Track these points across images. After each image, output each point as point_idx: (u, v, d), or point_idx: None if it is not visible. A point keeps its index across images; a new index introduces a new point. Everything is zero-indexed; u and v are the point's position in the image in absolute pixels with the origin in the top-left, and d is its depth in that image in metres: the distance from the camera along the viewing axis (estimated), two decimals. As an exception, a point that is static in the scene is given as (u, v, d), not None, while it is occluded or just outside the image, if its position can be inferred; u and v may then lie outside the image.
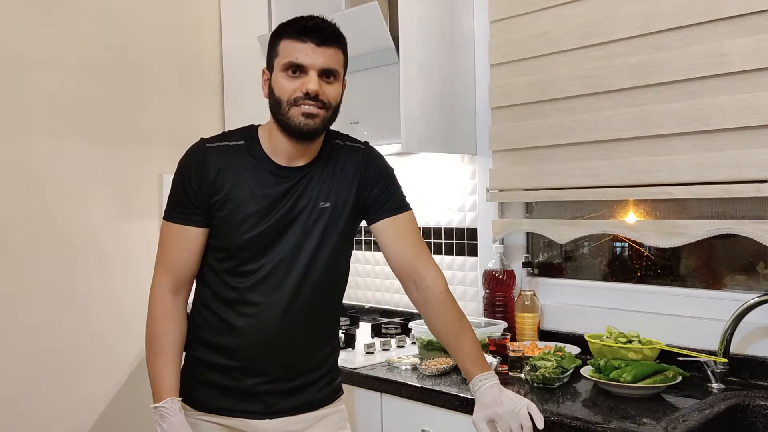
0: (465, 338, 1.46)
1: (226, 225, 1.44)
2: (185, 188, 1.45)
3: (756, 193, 1.66)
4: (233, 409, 1.47)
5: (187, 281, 1.49)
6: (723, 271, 1.91)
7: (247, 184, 1.44)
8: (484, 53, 2.23)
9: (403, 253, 1.52)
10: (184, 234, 1.46)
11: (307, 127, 1.40)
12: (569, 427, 1.42)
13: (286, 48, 1.41)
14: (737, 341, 1.71)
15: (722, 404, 1.54)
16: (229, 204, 1.43)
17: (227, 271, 1.46)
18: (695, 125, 1.75)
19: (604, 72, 1.91)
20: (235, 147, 1.47)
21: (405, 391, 1.74)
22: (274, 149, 1.47)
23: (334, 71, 1.42)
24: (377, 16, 2.05)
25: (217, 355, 1.47)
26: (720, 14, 1.70)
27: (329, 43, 1.41)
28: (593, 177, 1.95)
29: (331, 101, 1.43)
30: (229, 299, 1.46)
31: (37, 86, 2.26)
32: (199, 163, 1.45)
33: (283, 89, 1.41)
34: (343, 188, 1.50)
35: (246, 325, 1.45)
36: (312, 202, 1.47)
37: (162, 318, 1.46)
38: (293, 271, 1.45)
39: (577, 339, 1.98)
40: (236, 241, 1.44)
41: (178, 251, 1.47)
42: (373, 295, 2.67)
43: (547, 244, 2.25)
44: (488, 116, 2.22)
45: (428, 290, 1.50)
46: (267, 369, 1.46)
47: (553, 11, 2.03)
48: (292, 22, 1.44)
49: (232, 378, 1.46)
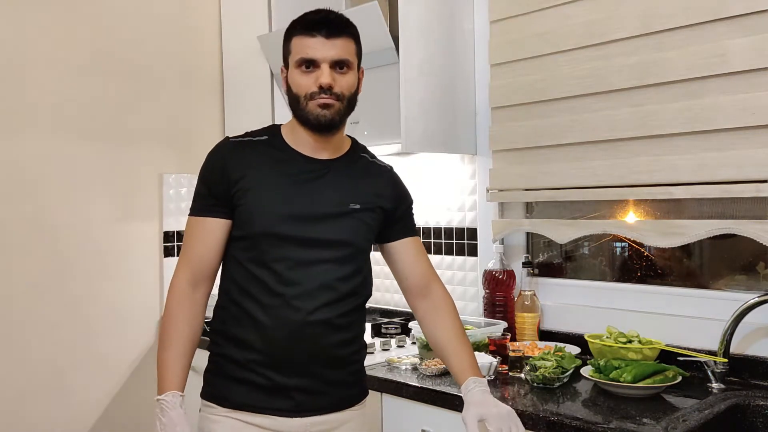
0: (467, 346, 1.53)
1: (249, 212, 1.44)
2: (206, 180, 1.48)
3: (756, 193, 1.66)
4: (263, 406, 1.45)
5: (206, 276, 1.48)
6: (723, 271, 1.91)
7: (272, 172, 1.46)
8: (484, 53, 2.23)
9: (423, 269, 1.61)
10: (204, 226, 1.47)
11: (325, 117, 1.42)
12: (569, 427, 1.42)
13: (297, 44, 1.44)
14: (737, 341, 1.71)
15: (722, 404, 1.54)
16: (252, 192, 1.44)
17: (251, 261, 1.45)
18: (695, 125, 1.75)
19: (604, 72, 1.91)
20: (258, 141, 1.50)
21: (405, 391, 1.74)
22: (298, 142, 1.49)
23: (346, 61, 1.43)
24: (377, 16, 2.05)
25: (244, 351, 1.44)
26: (720, 14, 1.70)
27: (338, 33, 1.43)
28: (593, 177, 1.95)
29: (345, 92, 1.44)
30: (253, 290, 1.44)
31: (36, 86, 2.26)
32: (222, 155, 1.48)
33: (299, 85, 1.43)
34: (372, 197, 1.52)
35: (270, 317, 1.43)
36: (340, 199, 1.48)
37: (178, 310, 1.45)
38: (319, 265, 1.45)
39: (577, 339, 1.98)
40: (258, 229, 1.43)
41: (198, 244, 1.47)
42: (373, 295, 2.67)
43: (547, 244, 2.25)
44: (488, 116, 2.22)
45: (440, 300, 1.59)
46: (294, 364, 1.44)
47: (553, 11, 2.03)
48: (301, 18, 1.46)
49: (261, 374, 1.44)
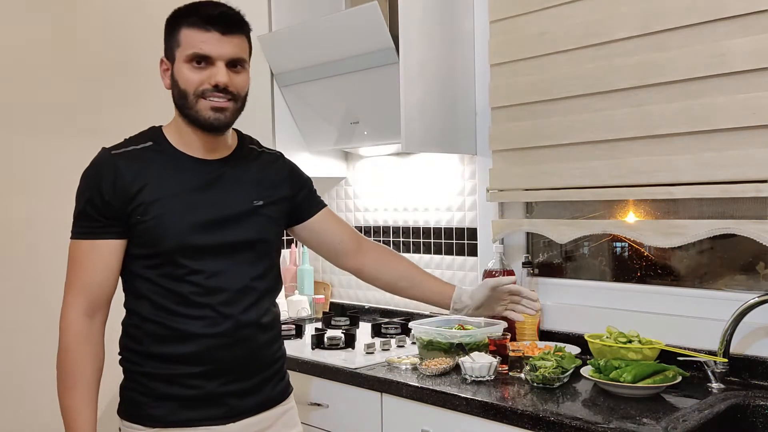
0: (425, 273, 1.65)
1: (154, 229, 1.36)
2: (94, 201, 1.35)
3: (756, 193, 1.66)
4: (195, 418, 1.40)
5: (104, 302, 1.39)
6: (723, 271, 1.91)
7: (168, 183, 1.37)
8: (484, 53, 2.23)
9: (349, 228, 1.68)
10: (98, 249, 1.36)
11: (218, 121, 1.37)
12: (569, 427, 1.42)
13: (188, 37, 1.34)
14: (737, 341, 1.71)
15: (722, 404, 1.54)
16: (154, 207, 1.36)
17: (165, 277, 1.37)
18: (695, 125, 1.75)
19: (604, 72, 1.91)
20: (143, 150, 1.40)
21: (405, 391, 1.74)
22: (187, 144, 1.42)
23: (241, 60, 1.37)
24: (377, 16, 2.05)
25: (171, 365, 1.39)
26: (720, 14, 1.70)
27: (235, 31, 1.35)
28: (593, 177, 1.95)
29: (240, 92, 1.39)
30: (174, 305, 1.38)
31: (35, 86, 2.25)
32: (109, 172, 1.36)
33: (189, 81, 1.34)
34: (272, 189, 1.51)
35: (200, 327, 1.38)
36: (242, 198, 1.44)
37: (76, 346, 1.35)
38: (236, 268, 1.42)
39: (577, 339, 1.98)
40: (169, 244, 1.36)
41: (93, 270, 1.36)
42: (374, 295, 2.67)
43: (547, 244, 2.25)
44: (488, 116, 2.22)
45: (377, 248, 1.69)
46: (226, 370, 1.41)
47: (553, 11, 2.03)
48: (192, 8, 1.36)
49: (192, 386, 1.39)
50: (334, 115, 2.37)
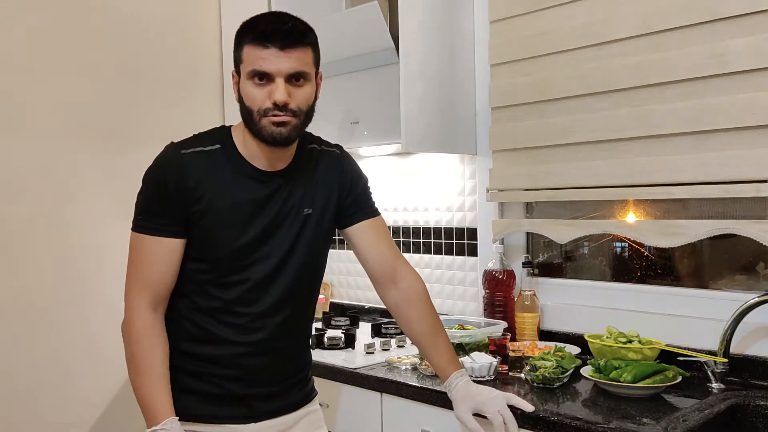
0: (442, 336, 1.54)
1: (208, 236, 1.38)
2: (161, 197, 1.37)
3: (756, 193, 1.66)
4: (217, 415, 1.42)
5: (165, 297, 1.41)
6: (723, 271, 1.91)
7: (229, 192, 1.38)
8: (484, 53, 2.23)
9: (384, 253, 1.56)
10: (162, 246, 1.38)
11: (280, 135, 1.35)
12: (569, 427, 1.42)
13: (249, 54, 1.33)
14: (737, 341, 1.71)
15: (722, 404, 1.54)
16: (211, 214, 1.37)
17: (210, 282, 1.40)
18: (695, 125, 1.75)
19: (604, 72, 1.91)
20: (211, 152, 1.41)
21: (405, 391, 1.74)
22: (251, 153, 1.41)
23: (302, 73, 1.34)
24: (377, 16, 2.05)
25: (200, 363, 1.42)
26: (720, 14, 1.70)
27: (294, 44, 1.32)
28: (593, 177, 1.95)
29: (302, 106, 1.36)
30: (212, 310, 1.41)
31: (36, 86, 2.25)
32: (177, 171, 1.37)
33: (252, 99, 1.34)
34: (324, 194, 1.49)
35: (233, 334, 1.40)
36: (295, 209, 1.44)
37: (145, 336, 1.37)
38: (279, 280, 1.43)
39: (577, 339, 1.98)
40: (220, 253, 1.38)
41: (156, 265, 1.38)
42: (374, 295, 2.65)
43: (547, 244, 2.25)
44: (488, 116, 2.22)
45: (410, 290, 1.56)
46: (252, 375, 1.43)
47: (553, 11, 2.03)
48: (252, 24, 1.35)
49: (218, 385, 1.42)
50: (334, 115, 2.37)
